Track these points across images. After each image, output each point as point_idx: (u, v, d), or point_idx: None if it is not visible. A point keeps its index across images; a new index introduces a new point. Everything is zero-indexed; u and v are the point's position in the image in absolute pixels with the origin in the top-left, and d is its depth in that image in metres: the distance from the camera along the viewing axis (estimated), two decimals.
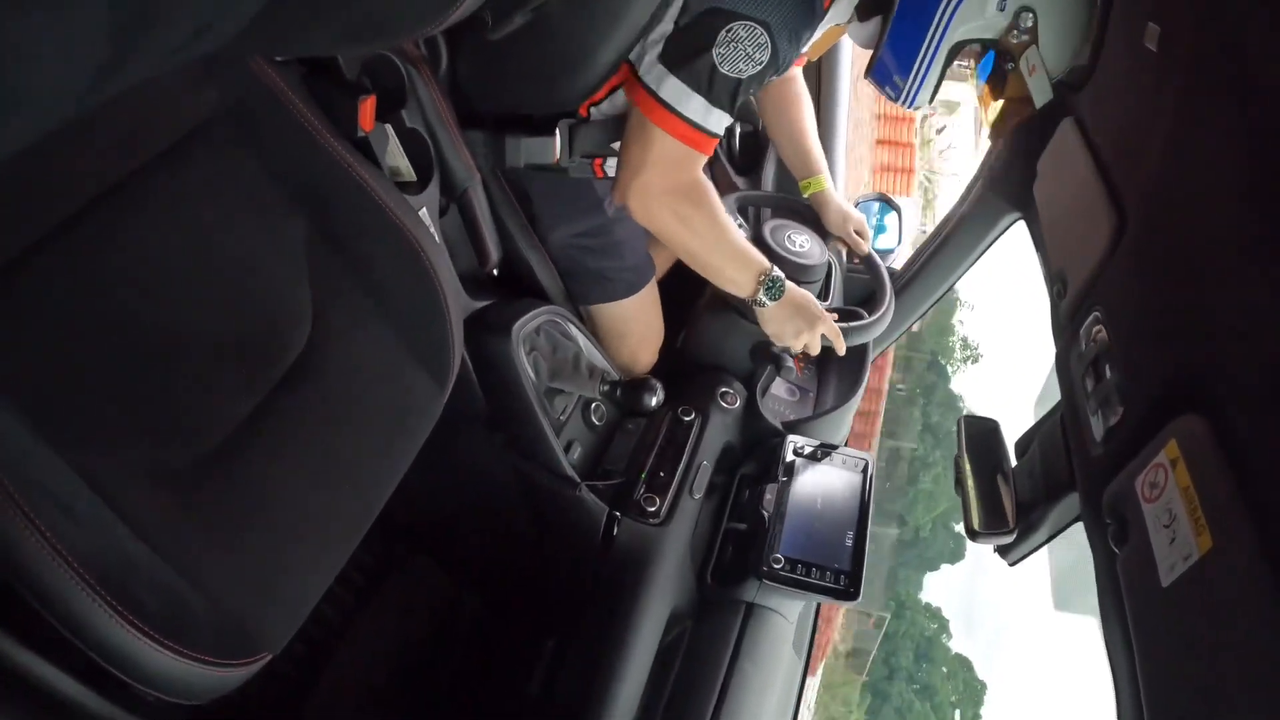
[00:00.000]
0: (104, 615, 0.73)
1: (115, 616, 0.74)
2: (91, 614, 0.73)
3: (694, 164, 1.35)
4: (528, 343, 1.40)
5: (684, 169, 1.35)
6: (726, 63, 1.24)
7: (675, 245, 1.44)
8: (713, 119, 1.29)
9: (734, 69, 1.25)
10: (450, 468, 1.46)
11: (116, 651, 0.75)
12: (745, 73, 1.25)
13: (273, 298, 1.02)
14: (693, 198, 1.38)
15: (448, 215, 1.38)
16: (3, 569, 0.70)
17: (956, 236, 1.70)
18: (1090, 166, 1.08)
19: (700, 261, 1.46)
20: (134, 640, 0.75)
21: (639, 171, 1.31)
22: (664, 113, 1.27)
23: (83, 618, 0.73)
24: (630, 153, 1.33)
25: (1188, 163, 0.85)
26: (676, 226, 1.38)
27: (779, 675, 1.41)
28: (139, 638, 0.75)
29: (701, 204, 1.39)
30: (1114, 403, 0.88)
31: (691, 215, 1.38)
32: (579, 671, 1.30)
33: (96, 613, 0.73)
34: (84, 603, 0.72)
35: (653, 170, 1.31)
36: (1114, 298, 0.96)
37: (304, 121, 1.03)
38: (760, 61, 1.25)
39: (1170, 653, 0.72)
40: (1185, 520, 0.70)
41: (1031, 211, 1.34)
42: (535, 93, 1.37)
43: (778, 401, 1.81)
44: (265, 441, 0.95)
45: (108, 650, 0.75)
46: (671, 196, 1.35)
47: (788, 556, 1.39)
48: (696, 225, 1.39)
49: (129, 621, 0.75)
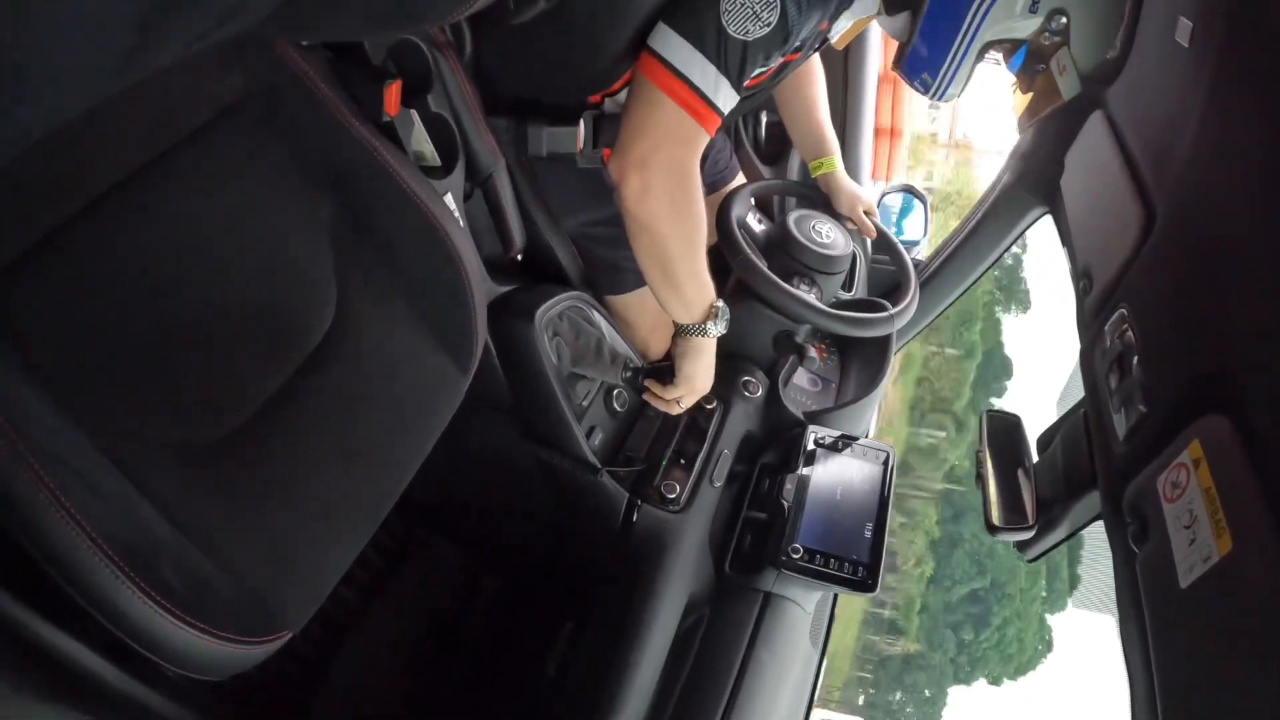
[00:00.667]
0: (129, 593, 0.75)
1: (140, 594, 0.75)
2: (117, 591, 0.74)
3: (695, 142, 1.25)
4: (550, 328, 1.40)
5: (684, 145, 1.24)
6: (733, 22, 1.17)
7: (654, 241, 1.29)
8: (721, 92, 1.21)
9: (741, 29, 1.17)
10: (471, 452, 1.47)
11: (141, 628, 0.76)
12: (753, 34, 1.18)
13: (298, 280, 1.03)
14: (688, 189, 1.27)
15: (472, 200, 1.38)
16: (30, 547, 0.71)
17: (982, 229, 1.68)
18: (1119, 161, 1.06)
19: (668, 266, 1.33)
20: (158, 617, 0.76)
21: (638, 139, 1.21)
22: (667, 75, 1.19)
23: (108, 595, 0.74)
24: (630, 121, 1.23)
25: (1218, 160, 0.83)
26: (668, 215, 1.26)
27: (795, 665, 1.41)
28: (163, 615, 0.77)
29: (696, 199, 1.29)
30: (1137, 401, 0.87)
31: (686, 208, 1.28)
32: (596, 655, 1.31)
33: (122, 590, 0.74)
34: (110, 580, 0.74)
35: (652, 140, 1.21)
36: (1140, 295, 0.94)
37: (330, 106, 1.04)
38: (768, 23, 1.17)
39: (1186, 654, 0.71)
40: (1206, 521, 0.70)
41: (1058, 206, 1.33)
42: (556, 79, 1.36)
43: (799, 391, 1.80)
44: (289, 422, 0.96)
45: (132, 627, 0.76)
46: (670, 179, 1.24)
47: (806, 547, 1.39)
48: (686, 221, 1.29)
49: (153, 599, 0.76)
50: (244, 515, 0.90)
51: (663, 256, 1.31)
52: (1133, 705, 0.79)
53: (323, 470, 0.99)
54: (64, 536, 0.72)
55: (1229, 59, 0.84)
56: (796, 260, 1.69)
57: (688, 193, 1.27)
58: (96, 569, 0.73)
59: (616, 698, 1.24)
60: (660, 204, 1.24)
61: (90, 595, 0.74)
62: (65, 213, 0.81)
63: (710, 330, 1.40)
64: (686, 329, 1.41)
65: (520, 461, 1.48)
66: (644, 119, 1.21)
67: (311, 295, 1.04)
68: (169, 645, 0.78)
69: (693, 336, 1.41)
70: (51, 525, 0.71)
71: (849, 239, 1.74)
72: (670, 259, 1.31)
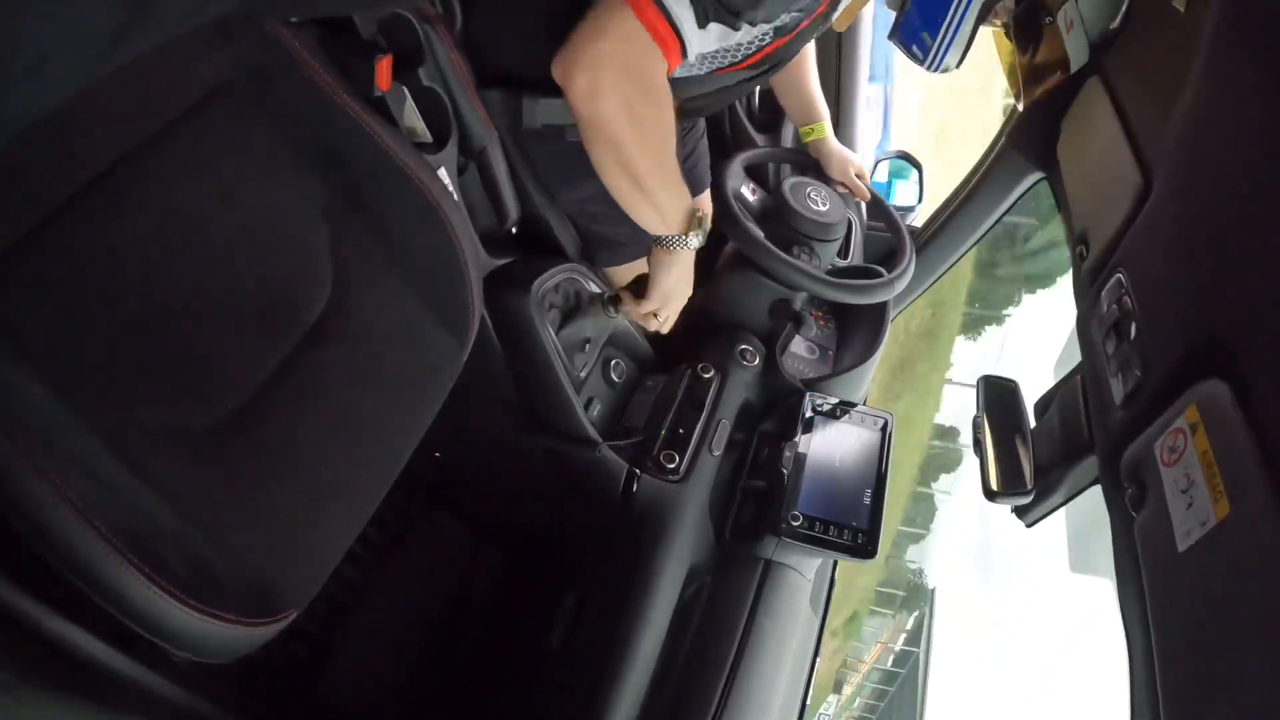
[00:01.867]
0: (133, 578, 0.75)
1: (144, 579, 0.75)
2: (121, 578, 0.75)
3: (654, 63, 1.14)
4: (546, 300, 1.40)
5: (643, 62, 1.13)
6: None
7: (614, 151, 1.20)
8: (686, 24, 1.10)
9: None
10: (471, 426, 1.47)
11: (145, 613, 0.77)
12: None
13: (292, 257, 1.02)
14: (652, 98, 1.17)
15: (466, 174, 1.38)
16: (33, 537, 0.71)
17: (979, 194, 1.68)
18: (1116, 127, 1.05)
19: (636, 176, 1.23)
20: (162, 602, 0.77)
21: (594, 38, 1.10)
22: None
23: (112, 582, 0.74)
24: (586, 22, 1.11)
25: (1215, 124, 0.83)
26: (623, 123, 1.15)
27: (796, 631, 1.43)
28: (167, 599, 0.77)
29: (661, 107, 1.18)
30: (1134, 366, 0.88)
31: (646, 116, 1.17)
32: (599, 625, 1.33)
33: (126, 577, 0.75)
34: (113, 567, 0.74)
35: (609, 43, 1.10)
36: (1137, 260, 0.94)
37: (320, 82, 1.03)
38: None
39: (1184, 617, 0.72)
40: (1203, 486, 0.70)
41: (1054, 171, 1.32)
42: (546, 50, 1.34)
43: (797, 359, 1.81)
44: (287, 401, 0.96)
45: (137, 612, 0.76)
46: (628, 84, 1.13)
47: (806, 514, 1.40)
48: (649, 129, 1.18)
49: (157, 583, 0.76)
50: (245, 496, 0.90)
51: (627, 165, 1.22)
52: (1131, 667, 0.80)
53: (323, 448, 0.99)
54: (66, 525, 0.72)
55: (1226, 23, 0.83)
56: (793, 229, 1.69)
57: (648, 97, 1.16)
58: (100, 556, 0.74)
59: (621, 667, 1.25)
60: (612, 105, 1.14)
61: (94, 583, 0.74)
62: (56, 200, 0.81)
63: (691, 242, 1.33)
64: (664, 240, 1.34)
65: (520, 437, 1.49)
66: (603, 21, 1.10)
67: (307, 273, 1.03)
68: (174, 629, 0.79)
69: (673, 249, 1.34)
70: (53, 514, 0.71)
71: (844, 206, 1.74)
72: (636, 168, 1.22)
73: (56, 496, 0.71)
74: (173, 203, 0.91)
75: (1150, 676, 0.74)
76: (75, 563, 0.73)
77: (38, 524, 0.71)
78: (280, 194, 1.03)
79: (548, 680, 1.41)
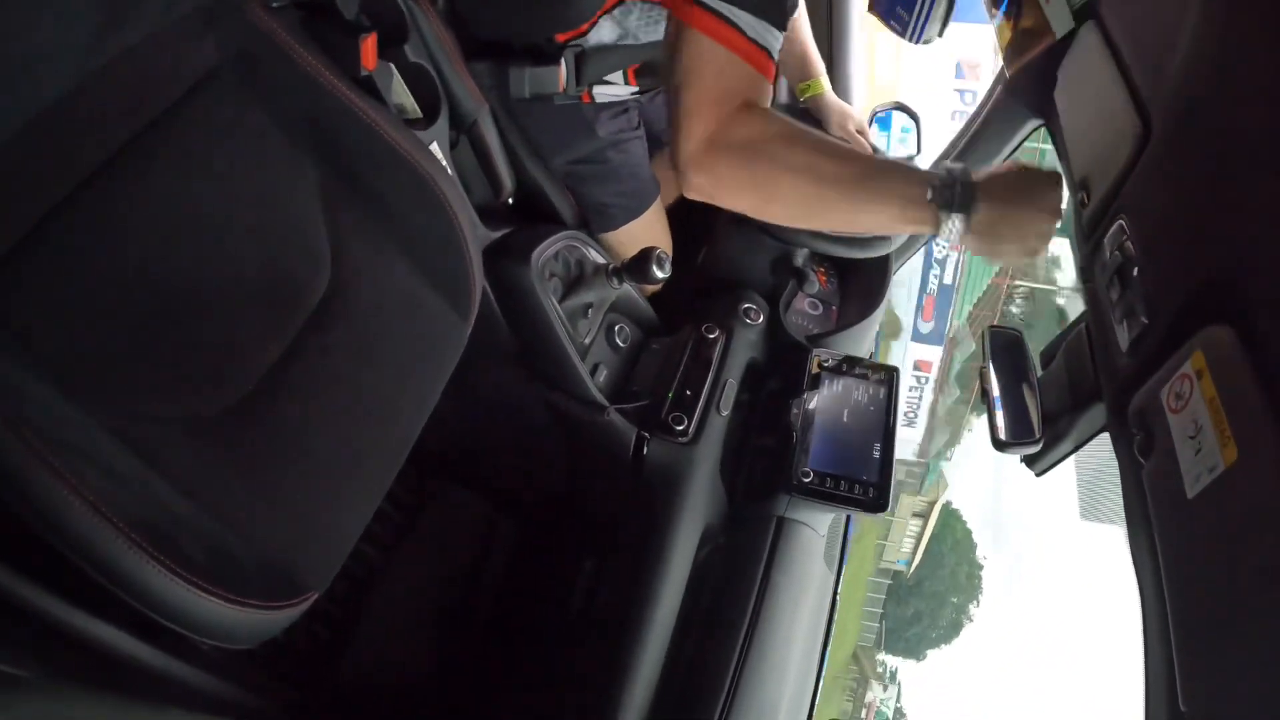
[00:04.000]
0: (153, 571, 0.76)
1: (164, 571, 0.77)
2: (142, 570, 0.76)
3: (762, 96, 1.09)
4: (547, 269, 1.40)
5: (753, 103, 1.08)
6: None
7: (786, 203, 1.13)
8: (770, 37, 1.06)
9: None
10: (480, 400, 1.48)
11: (168, 604, 0.78)
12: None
13: (291, 242, 1.03)
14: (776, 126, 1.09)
15: (459, 148, 1.37)
16: (52, 536, 0.72)
17: (977, 144, 1.66)
18: (1112, 71, 1.04)
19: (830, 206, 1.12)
20: (184, 591, 0.78)
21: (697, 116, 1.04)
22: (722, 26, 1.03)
23: (134, 575, 0.76)
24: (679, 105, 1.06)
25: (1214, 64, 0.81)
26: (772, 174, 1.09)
27: (811, 588, 1.44)
28: (189, 588, 0.78)
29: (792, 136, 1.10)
30: (1139, 312, 0.87)
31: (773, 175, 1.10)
32: (618, 589, 1.34)
33: (146, 569, 0.76)
34: (133, 560, 0.75)
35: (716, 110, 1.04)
36: (1138, 205, 0.93)
37: (306, 65, 1.02)
38: None
39: (1195, 563, 0.72)
40: (1211, 431, 0.70)
41: (1053, 117, 1.30)
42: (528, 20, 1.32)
43: (801, 316, 1.80)
44: (295, 384, 0.97)
45: (159, 604, 0.78)
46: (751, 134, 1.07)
47: (816, 470, 1.41)
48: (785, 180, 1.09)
49: (178, 574, 0.77)
50: (259, 481, 0.91)
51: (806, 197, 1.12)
52: (1143, 612, 0.80)
53: (333, 429, 1.00)
54: (84, 522, 0.73)
55: None
56: None
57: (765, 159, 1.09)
58: (119, 551, 0.75)
59: (640, 628, 1.27)
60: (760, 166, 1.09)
61: (116, 577, 0.75)
62: (53, 200, 0.81)
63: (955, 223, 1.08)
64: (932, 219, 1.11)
65: (528, 406, 1.49)
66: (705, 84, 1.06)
67: (306, 256, 1.03)
68: (198, 618, 0.80)
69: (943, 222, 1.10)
70: (70, 513, 0.72)
71: None
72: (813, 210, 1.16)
73: (72, 495, 0.72)
74: (168, 195, 0.91)
75: (1162, 621, 0.75)
76: (96, 559, 0.74)
77: (56, 523, 0.72)
78: (275, 179, 1.03)
79: (569, 645, 1.43)
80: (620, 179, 1.58)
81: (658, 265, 1.38)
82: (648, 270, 1.39)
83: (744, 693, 1.27)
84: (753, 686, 1.28)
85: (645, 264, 1.39)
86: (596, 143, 1.51)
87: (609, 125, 1.50)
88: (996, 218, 1.07)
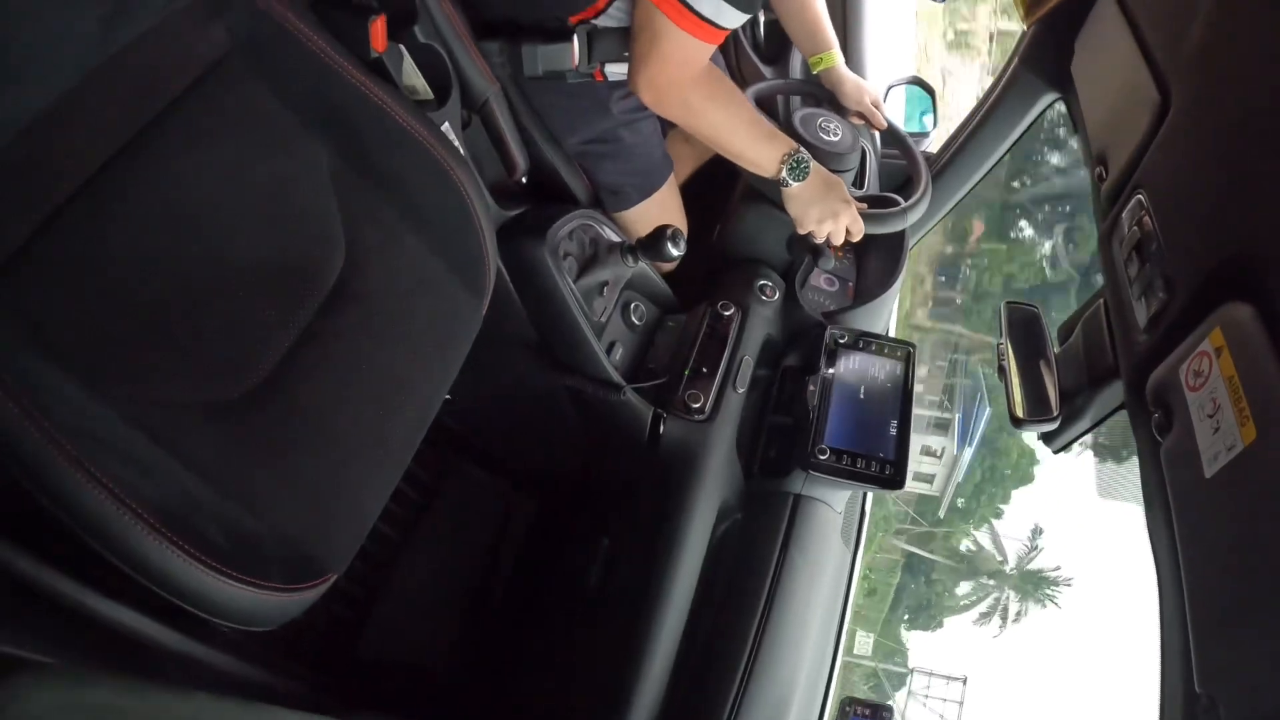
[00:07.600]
0: (174, 556, 0.77)
1: (185, 556, 0.77)
2: (163, 556, 0.77)
3: (702, 56, 1.28)
4: (561, 248, 1.40)
5: (691, 64, 1.28)
6: None
7: (693, 132, 1.41)
8: (725, 15, 1.19)
9: None
10: (495, 379, 1.48)
11: (190, 588, 0.79)
12: None
13: (305, 225, 1.03)
14: (701, 88, 1.33)
15: (471, 128, 1.36)
16: (74, 524, 0.73)
17: (993, 118, 1.63)
18: (1130, 43, 1.02)
19: (720, 146, 1.44)
20: (205, 576, 0.79)
21: (645, 64, 1.26)
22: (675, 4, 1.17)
23: (155, 560, 0.76)
24: (638, 44, 1.26)
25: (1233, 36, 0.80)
26: (687, 117, 1.36)
27: (829, 565, 1.45)
28: (210, 573, 0.79)
29: (712, 94, 1.35)
30: (1157, 289, 0.86)
31: (702, 106, 1.35)
32: (635, 566, 1.35)
33: (167, 555, 0.77)
34: (154, 546, 0.76)
35: (659, 64, 1.25)
36: (1157, 180, 0.92)
37: (315, 49, 1.02)
38: None
39: (1212, 541, 0.72)
40: (1229, 410, 0.69)
41: (1070, 91, 1.28)
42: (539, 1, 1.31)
43: (817, 292, 1.79)
44: (312, 368, 0.97)
45: (181, 589, 0.79)
46: (679, 89, 1.30)
47: (833, 447, 1.41)
48: (709, 115, 1.36)
49: (199, 559, 0.78)
50: (278, 465, 0.92)
51: (706, 139, 1.42)
52: (1160, 590, 0.80)
53: (350, 411, 1.00)
54: (104, 510, 0.74)
55: None
56: None
57: (702, 93, 1.33)
58: (140, 537, 0.76)
59: (658, 605, 1.28)
60: (677, 111, 1.34)
61: (136, 563, 0.76)
62: (65, 192, 0.81)
63: (787, 180, 1.45)
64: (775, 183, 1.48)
65: (544, 385, 1.49)
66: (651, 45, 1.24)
67: (320, 240, 1.03)
68: (219, 601, 0.81)
69: (781, 189, 1.48)
70: (91, 501, 0.73)
71: (857, 135, 1.70)
72: (711, 140, 1.42)
73: (91, 482, 0.73)
74: (180, 183, 0.91)
75: (1179, 599, 0.74)
76: (116, 546, 0.75)
77: (76, 511, 0.73)
78: (287, 163, 1.03)
79: (587, 622, 1.44)
80: (633, 158, 1.58)
81: (672, 243, 1.39)
82: (662, 248, 1.40)
83: (761, 670, 1.28)
84: (769, 664, 1.28)
85: (660, 242, 1.40)
86: (609, 122, 1.50)
87: (622, 104, 1.49)
88: (810, 195, 1.49)
